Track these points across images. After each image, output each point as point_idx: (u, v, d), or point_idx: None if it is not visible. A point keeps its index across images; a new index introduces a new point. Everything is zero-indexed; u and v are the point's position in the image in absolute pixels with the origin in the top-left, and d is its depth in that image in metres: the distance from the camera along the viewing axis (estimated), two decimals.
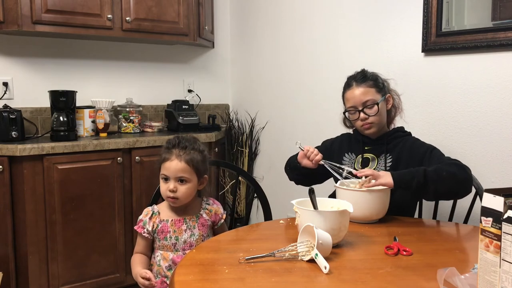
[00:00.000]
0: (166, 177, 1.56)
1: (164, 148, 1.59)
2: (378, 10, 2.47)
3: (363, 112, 1.79)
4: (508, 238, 0.91)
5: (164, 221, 1.59)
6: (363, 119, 1.79)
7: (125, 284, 2.66)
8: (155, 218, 1.59)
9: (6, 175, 2.29)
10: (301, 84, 2.96)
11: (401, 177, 1.60)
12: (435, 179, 1.59)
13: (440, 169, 1.61)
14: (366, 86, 1.80)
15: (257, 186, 2.02)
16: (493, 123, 2.03)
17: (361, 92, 1.79)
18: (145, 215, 1.60)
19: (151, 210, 1.61)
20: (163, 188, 1.57)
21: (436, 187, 1.60)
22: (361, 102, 1.79)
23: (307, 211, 1.38)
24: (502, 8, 1.96)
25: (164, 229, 1.58)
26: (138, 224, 1.59)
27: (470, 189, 1.67)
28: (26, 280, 2.37)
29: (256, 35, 3.32)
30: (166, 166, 1.55)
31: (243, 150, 3.31)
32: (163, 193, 1.58)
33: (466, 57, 2.10)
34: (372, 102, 1.78)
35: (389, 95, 1.86)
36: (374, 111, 1.78)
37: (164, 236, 1.58)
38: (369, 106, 1.78)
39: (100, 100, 2.85)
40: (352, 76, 1.86)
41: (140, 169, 2.65)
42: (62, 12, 2.56)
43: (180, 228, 1.58)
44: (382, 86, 1.84)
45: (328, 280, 1.15)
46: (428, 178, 1.59)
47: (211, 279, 1.17)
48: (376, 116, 1.79)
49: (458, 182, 1.62)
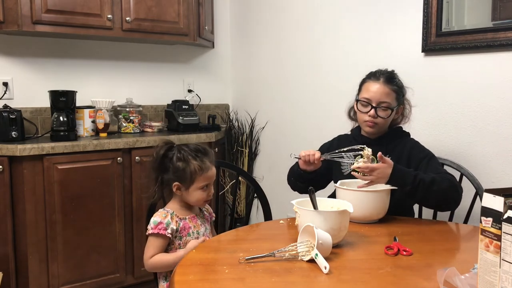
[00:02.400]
0: (207, 185, 1.62)
1: (198, 161, 1.60)
2: (378, 10, 2.47)
3: (375, 109, 1.78)
4: (508, 238, 0.91)
5: (183, 219, 1.63)
6: (372, 116, 1.78)
7: (125, 284, 2.66)
8: (174, 218, 1.61)
9: (6, 175, 2.29)
10: (301, 84, 2.96)
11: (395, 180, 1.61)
12: (425, 190, 1.61)
13: (433, 182, 1.61)
14: (390, 89, 1.79)
15: (257, 186, 2.02)
16: (493, 123, 2.03)
17: (384, 91, 1.78)
18: (163, 217, 1.60)
19: (167, 212, 1.62)
20: (201, 197, 1.62)
21: (424, 197, 1.63)
22: (378, 100, 1.78)
23: (307, 211, 1.38)
24: (502, 8, 1.96)
25: (185, 226, 1.63)
26: (158, 227, 1.57)
27: (455, 207, 1.70)
28: (26, 280, 2.37)
29: (256, 35, 3.32)
30: (208, 175, 1.62)
31: (243, 150, 3.31)
32: (199, 201, 1.63)
33: (466, 57, 2.10)
34: (387, 106, 1.78)
35: (402, 106, 1.85)
36: (385, 115, 1.78)
37: (187, 232, 1.62)
38: (383, 108, 1.78)
39: (100, 100, 2.85)
40: (382, 71, 1.84)
41: (140, 169, 2.65)
42: (62, 12, 2.56)
43: (197, 223, 1.66)
44: (401, 96, 1.84)
45: (328, 280, 1.15)
46: (419, 187, 1.60)
47: (211, 279, 1.17)
48: (384, 120, 1.79)
49: (446, 200, 1.66)
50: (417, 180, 1.60)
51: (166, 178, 1.62)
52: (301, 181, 1.87)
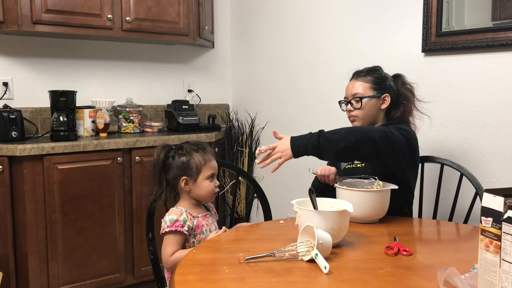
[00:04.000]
0: (213, 175, 1.67)
1: (200, 153, 1.65)
2: (378, 10, 2.47)
3: (350, 104, 1.86)
4: (508, 238, 0.91)
5: (196, 217, 1.65)
6: (348, 110, 1.87)
7: (125, 284, 2.66)
8: (189, 216, 1.63)
9: (6, 175, 2.29)
10: (301, 83, 2.96)
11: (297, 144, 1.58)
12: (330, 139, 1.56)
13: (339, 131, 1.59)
14: (362, 81, 1.86)
15: (257, 186, 2.02)
16: (493, 123, 2.03)
17: (354, 85, 1.86)
18: (179, 214, 1.61)
19: (181, 210, 1.63)
20: (209, 187, 1.65)
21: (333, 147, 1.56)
22: (351, 94, 1.87)
23: (307, 211, 1.38)
24: (502, 8, 1.96)
25: (199, 224, 1.64)
26: (175, 224, 1.58)
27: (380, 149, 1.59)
28: (26, 280, 2.37)
29: (256, 35, 3.32)
30: (212, 165, 1.67)
31: (243, 150, 3.31)
32: (208, 192, 1.66)
33: (466, 57, 2.10)
34: (359, 96, 1.84)
35: (386, 94, 1.84)
36: (358, 105, 1.84)
37: (201, 230, 1.64)
38: (356, 100, 1.84)
39: (100, 100, 2.85)
40: (357, 71, 1.92)
41: (140, 169, 2.65)
42: (62, 12, 2.56)
43: (208, 222, 1.68)
44: (381, 85, 1.84)
45: (328, 280, 1.15)
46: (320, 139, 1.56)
47: (211, 279, 1.17)
48: (360, 111, 1.83)
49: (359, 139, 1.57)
50: (316, 133, 1.58)
51: (172, 176, 1.64)
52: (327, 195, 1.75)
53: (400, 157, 1.66)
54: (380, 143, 1.58)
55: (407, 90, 1.89)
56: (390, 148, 1.62)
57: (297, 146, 1.59)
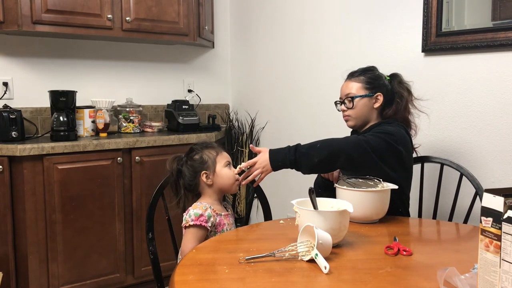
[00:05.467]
0: (229, 162, 1.70)
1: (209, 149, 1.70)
2: (378, 10, 2.47)
3: (343, 104, 1.88)
4: (508, 238, 0.91)
5: (219, 214, 1.66)
6: (342, 110, 1.90)
7: (125, 284, 2.66)
8: (213, 212, 1.63)
9: (6, 175, 2.29)
10: (301, 84, 2.96)
11: (275, 159, 1.65)
12: (307, 153, 1.62)
13: (314, 144, 1.64)
14: (354, 81, 1.88)
15: (257, 186, 2.02)
16: (493, 123, 2.03)
17: (346, 86, 1.89)
18: (204, 209, 1.61)
19: (206, 205, 1.63)
20: (230, 174, 1.68)
21: (308, 162, 1.63)
22: (344, 94, 1.89)
23: (307, 211, 1.38)
24: (502, 8, 1.96)
25: (221, 222, 1.65)
26: (199, 219, 1.58)
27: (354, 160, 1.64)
28: (26, 280, 2.37)
29: (256, 35, 3.32)
30: (224, 154, 1.71)
31: (243, 150, 3.31)
32: (230, 179, 1.68)
33: (466, 57, 2.10)
34: (351, 96, 1.86)
35: (378, 94, 1.85)
36: (350, 105, 1.86)
37: (222, 229, 1.65)
38: (348, 99, 1.87)
39: (100, 100, 2.85)
40: (351, 71, 1.93)
41: (140, 169, 2.65)
42: (62, 12, 2.56)
43: (230, 222, 1.70)
44: (373, 84, 1.85)
45: (328, 280, 1.15)
46: (297, 153, 1.63)
47: (211, 279, 1.17)
48: (352, 110, 1.86)
49: (332, 153, 1.62)
50: (293, 147, 1.65)
51: (189, 177, 1.67)
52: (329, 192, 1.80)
53: (380, 164, 1.68)
54: (354, 154, 1.63)
55: (403, 89, 1.89)
56: (366, 158, 1.65)
57: (275, 161, 1.65)
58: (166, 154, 2.70)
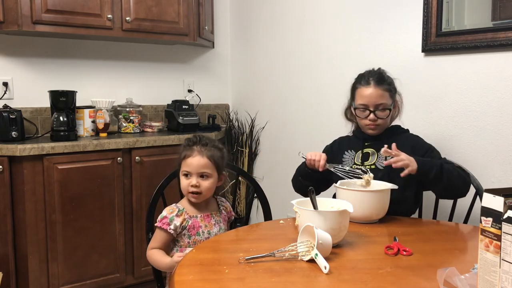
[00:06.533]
0: (188, 173, 1.59)
1: (184, 146, 1.64)
2: (378, 10, 2.46)
3: (374, 113, 1.81)
4: (508, 238, 0.91)
5: (194, 217, 1.62)
6: (373, 120, 1.82)
7: (125, 284, 2.66)
8: (183, 215, 1.61)
9: (6, 175, 2.29)
10: (301, 84, 2.96)
11: (423, 164, 1.65)
12: (449, 175, 1.66)
13: (453, 168, 1.70)
14: (383, 90, 1.82)
15: (257, 186, 2.02)
16: (493, 123, 2.03)
17: (378, 94, 1.81)
18: (170, 212, 1.60)
19: (176, 208, 1.62)
20: (184, 184, 1.60)
21: (448, 183, 1.67)
22: (374, 103, 1.81)
23: (307, 211, 1.38)
24: (502, 8, 1.96)
25: (195, 225, 1.61)
26: (162, 221, 1.59)
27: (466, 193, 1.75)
28: (26, 280, 2.37)
29: (256, 35, 3.31)
30: (188, 162, 1.59)
31: (243, 150, 3.31)
32: (184, 189, 1.61)
33: (466, 57, 2.10)
34: (385, 106, 1.81)
35: (397, 100, 1.89)
36: (385, 115, 1.82)
37: (197, 231, 1.61)
38: (381, 110, 1.81)
39: (100, 100, 2.85)
40: (371, 73, 1.86)
41: (140, 169, 2.65)
42: (62, 12, 2.56)
43: (210, 223, 1.64)
44: (394, 92, 1.87)
45: (328, 280, 1.15)
46: (444, 172, 1.65)
47: (211, 279, 1.17)
48: (384, 119, 1.83)
49: (465, 184, 1.72)
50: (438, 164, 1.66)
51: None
52: (308, 180, 1.86)
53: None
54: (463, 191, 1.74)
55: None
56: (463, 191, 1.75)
57: (423, 165, 1.64)
58: (166, 154, 2.71)
